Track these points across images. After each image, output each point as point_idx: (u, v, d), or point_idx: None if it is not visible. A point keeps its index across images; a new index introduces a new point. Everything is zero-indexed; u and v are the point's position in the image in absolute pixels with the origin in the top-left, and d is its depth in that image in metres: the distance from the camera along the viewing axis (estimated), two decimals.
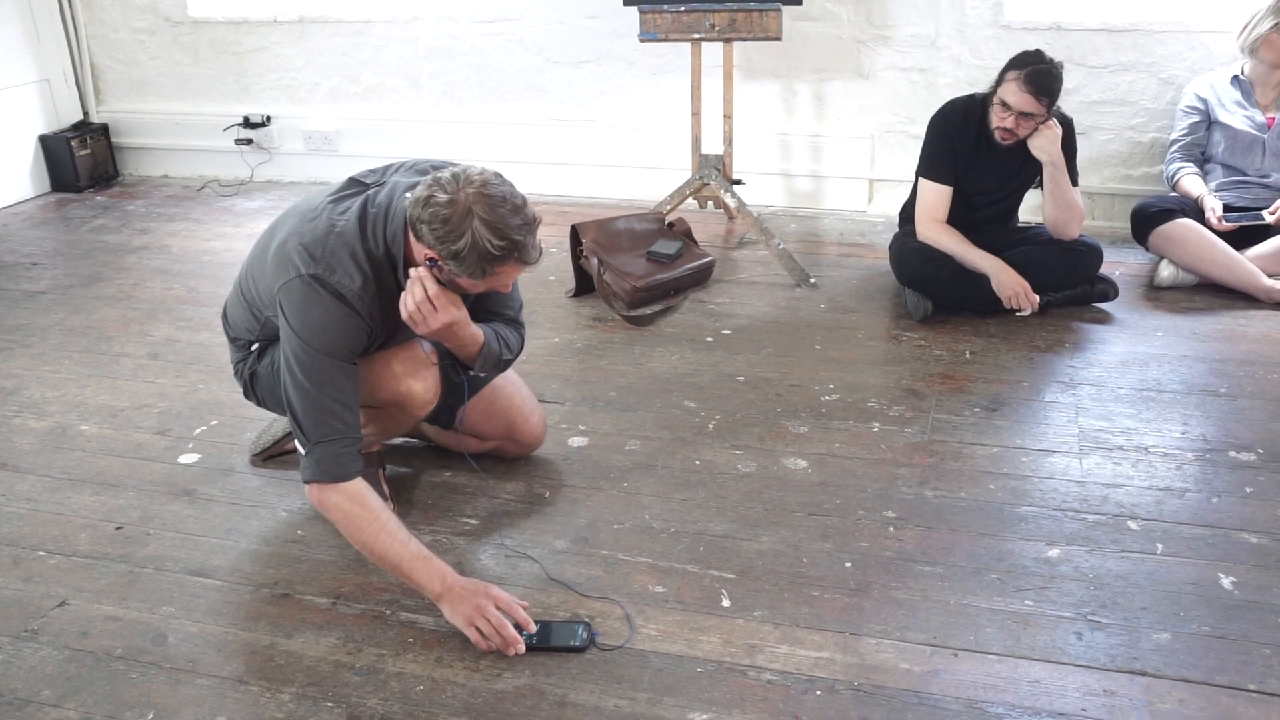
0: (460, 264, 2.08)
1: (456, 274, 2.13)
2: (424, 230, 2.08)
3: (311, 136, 5.38)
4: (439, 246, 2.07)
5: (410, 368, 2.36)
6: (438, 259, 2.11)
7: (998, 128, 3.46)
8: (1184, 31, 4.22)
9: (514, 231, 2.06)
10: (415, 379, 2.36)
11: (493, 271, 2.11)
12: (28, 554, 2.44)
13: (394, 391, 2.36)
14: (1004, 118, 3.43)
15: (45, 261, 4.40)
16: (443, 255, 2.09)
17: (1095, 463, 2.70)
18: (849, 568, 2.31)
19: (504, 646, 2.06)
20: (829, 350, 3.38)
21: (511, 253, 2.08)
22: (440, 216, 2.04)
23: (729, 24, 4.04)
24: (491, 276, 2.13)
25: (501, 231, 2.05)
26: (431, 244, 2.08)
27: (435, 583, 2.10)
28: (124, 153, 5.69)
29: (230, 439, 2.91)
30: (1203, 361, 3.23)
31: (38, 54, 5.34)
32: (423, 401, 2.40)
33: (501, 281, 2.19)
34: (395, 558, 2.12)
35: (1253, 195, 3.85)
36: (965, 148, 3.57)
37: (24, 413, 3.10)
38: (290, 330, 2.17)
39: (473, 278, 2.12)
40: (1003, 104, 3.42)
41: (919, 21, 4.47)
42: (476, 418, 2.65)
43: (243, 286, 2.45)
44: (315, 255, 2.16)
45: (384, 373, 2.34)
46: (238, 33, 5.36)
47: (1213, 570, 2.27)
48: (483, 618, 2.06)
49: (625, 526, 2.48)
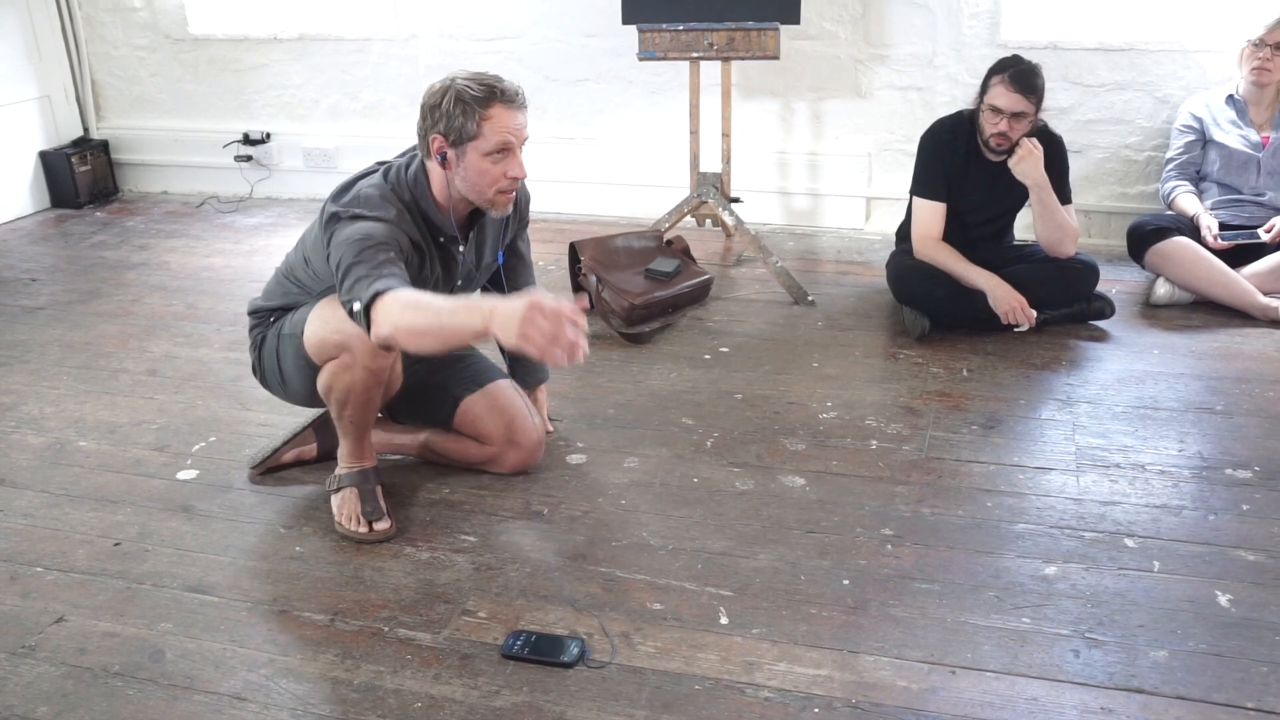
0: (452, 120, 2.32)
1: (458, 142, 2.34)
2: (424, 125, 2.38)
3: (311, 153, 5.39)
4: (433, 120, 2.35)
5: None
6: (440, 139, 2.35)
7: (991, 134, 3.47)
8: (1179, 51, 4.24)
9: (489, 79, 2.36)
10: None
11: (484, 116, 2.32)
12: (25, 570, 2.43)
13: (341, 330, 2.34)
14: (996, 123, 3.44)
15: (44, 277, 4.41)
16: (439, 127, 2.34)
17: (1092, 480, 2.70)
18: (847, 585, 2.31)
19: (567, 349, 1.93)
20: (827, 368, 3.39)
21: (493, 92, 2.34)
22: (431, 101, 2.36)
23: (727, 43, 4.06)
24: (485, 124, 2.33)
25: (478, 78, 2.35)
26: (430, 127, 2.36)
27: (478, 319, 2.01)
28: (124, 169, 5.71)
29: (228, 455, 2.91)
30: (1199, 379, 3.24)
31: (39, 71, 5.36)
32: (365, 344, 2.33)
33: (501, 127, 2.34)
34: (439, 325, 2.09)
35: (1248, 213, 3.87)
36: (956, 163, 3.59)
37: (22, 428, 3.11)
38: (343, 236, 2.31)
39: (471, 129, 2.32)
40: (993, 109, 3.43)
41: (916, 41, 4.49)
42: (479, 412, 2.71)
43: (281, 270, 2.65)
44: (349, 201, 2.37)
45: (338, 311, 2.33)
46: (238, 50, 5.38)
47: (1210, 588, 2.27)
48: (534, 327, 1.94)
49: (623, 544, 2.48)
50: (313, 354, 2.44)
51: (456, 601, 2.28)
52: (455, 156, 2.37)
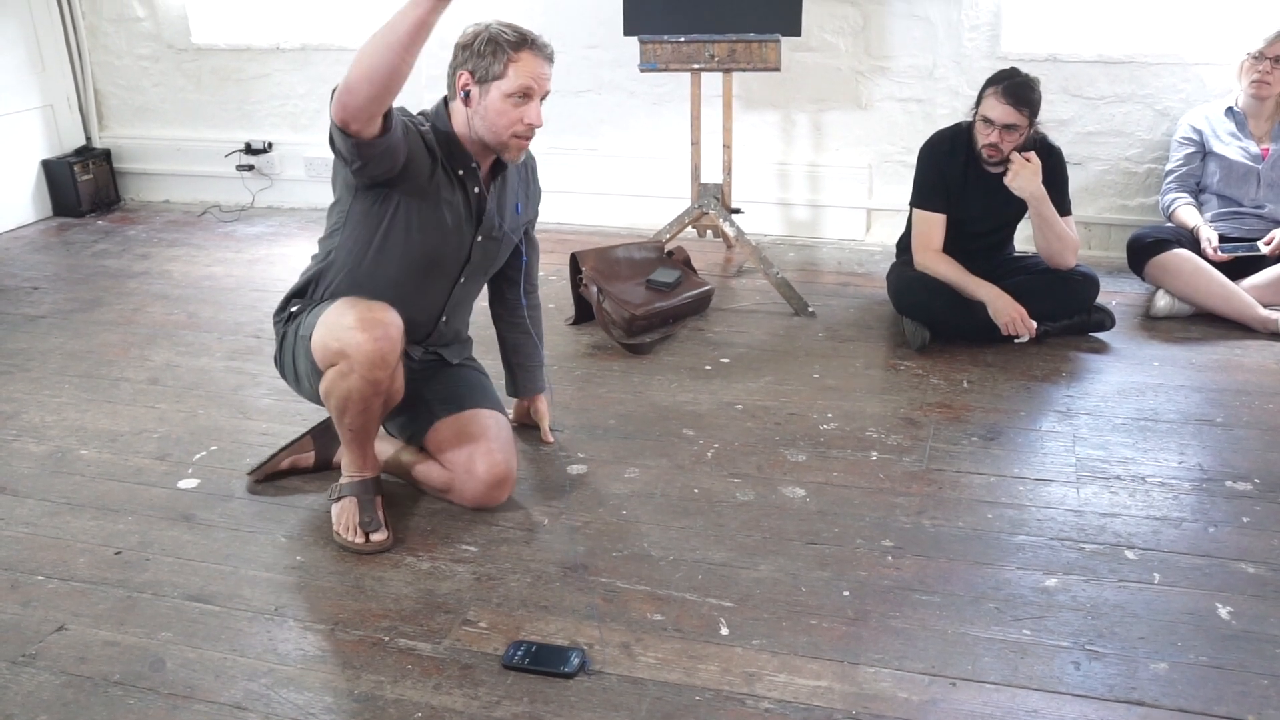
0: (481, 58, 2.43)
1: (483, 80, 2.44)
2: (453, 63, 2.49)
3: (313, 163, 5.40)
4: (463, 57, 2.46)
5: (366, 324, 2.34)
6: (467, 75, 2.45)
7: (984, 145, 3.50)
8: (1178, 64, 4.26)
9: (523, 29, 2.46)
10: (363, 332, 2.33)
11: (511, 58, 2.42)
12: (26, 578, 2.43)
13: (342, 339, 2.35)
14: (988, 134, 3.47)
15: (46, 286, 4.41)
16: (468, 65, 2.45)
17: (1092, 492, 2.70)
18: (847, 596, 2.31)
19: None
20: (827, 379, 3.39)
21: (524, 38, 2.44)
22: (464, 40, 2.47)
23: (728, 55, 4.07)
24: (511, 65, 2.42)
25: (512, 25, 2.46)
26: (460, 64, 2.47)
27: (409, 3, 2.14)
28: (126, 178, 5.72)
29: (229, 464, 2.91)
30: (1199, 391, 3.24)
31: (42, 80, 5.37)
32: (362, 355, 2.34)
33: (525, 72, 2.43)
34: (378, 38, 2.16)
35: (1247, 226, 3.87)
36: (954, 174, 3.60)
37: (23, 436, 3.11)
38: None
39: (497, 70, 2.42)
40: (985, 120, 3.47)
41: (917, 53, 4.51)
42: (447, 434, 2.65)
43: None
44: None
45: (340, 319, 2.36)
46: (241, 60, 5.39)
47: (1210, 600, 2.27)
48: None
49: (624, 554, 2.48)
50: (317, 359, 2.45)
51: (457, 611, 2.28)
52: (478, 94, 2.47)
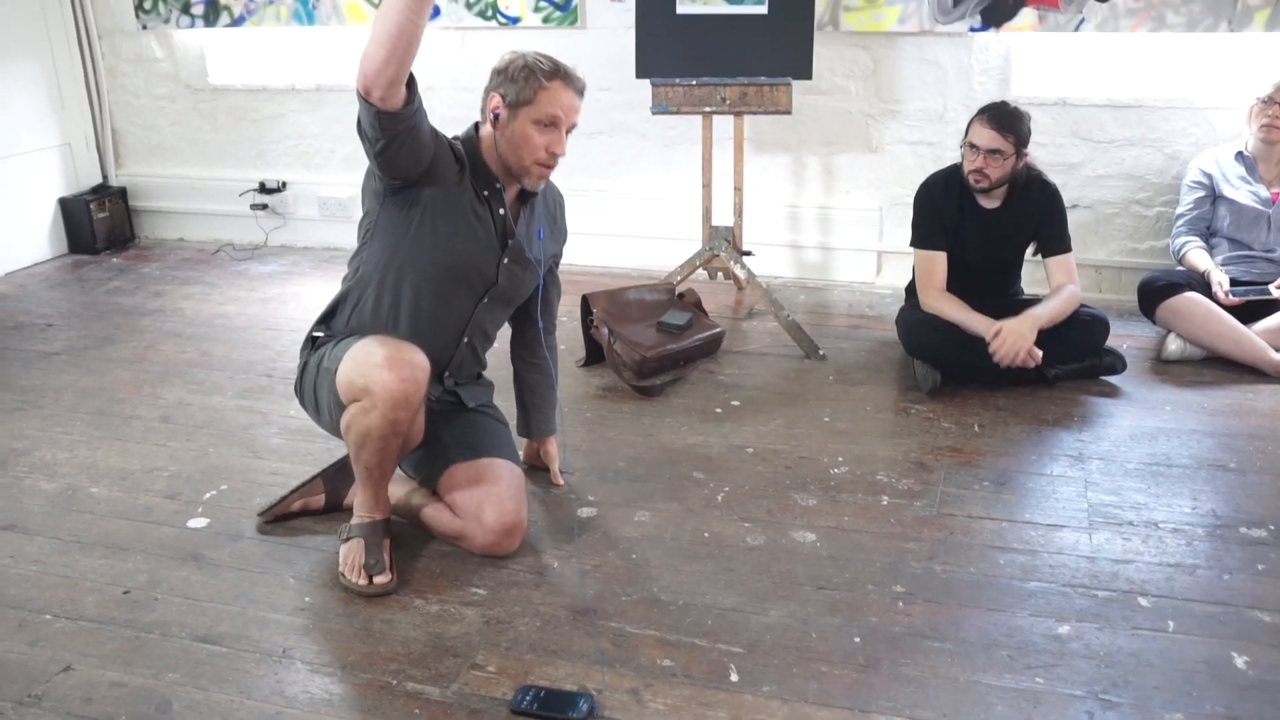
0: (514, 83, 2.49)
1: (513, 104, 2.49)
2: (490, 86, 2.54)
3: (326, 202, 5.44)
4: (497, 81, 2.52)
5: (393, 363, 2.35)
6: (498, 98, 2.51)
7: (969, 171, 3.56)
8: (1188, 108, 4.27)
9: (562, 64, 2.53)
10: (390, 371, 2.34)
11: (543, 86, 2.48)
12: (34, 617, 2.43)
13: (367, 376, 2.36)
14: (973, 159, 3.54)
15: (60, 323, 4.43)
16: (500, 88, 2.51)
17: (1105, 538, 2.68)
18: (858, 643, 2.29)
19: None
20: (838, 422, 3.38)
21: (559, 69, 2.51)
22: (500, 65, 2.54)
23: (740, 98, 4.10)
24: (541, 93, 2.49)
25: (549, 57, 2.52)
26: (493, 87, 2.53)
27: None
28: (141, 216, 5.76)
29: (239, 504, 2.91)
30: (1212, 436, 3.22)
31: (61, 119, 5.42)
32: (387, 394, 2.34)
33: (554, 102, 2.51)
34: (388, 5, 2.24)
35: (1259, 270, 3.87)
36: (950, 211, 3.65)
37: (35, 474, 3.11)
38: None
39: (527, 96, 2.48)
40: (971, 146, 3.54)
41: (927, 96, 4.53)
42: (460, 480, 2.64)
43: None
44: None
45: (368, 357, 2.38)
46: (256, 100, 5.44)
47: (1225, 649, 2.25)
48: None
49: (633, 598, 2.47)
50: (341, 393, 2.46)
51: (466, 655, 2.27)
52: (507, 117, 2.52)
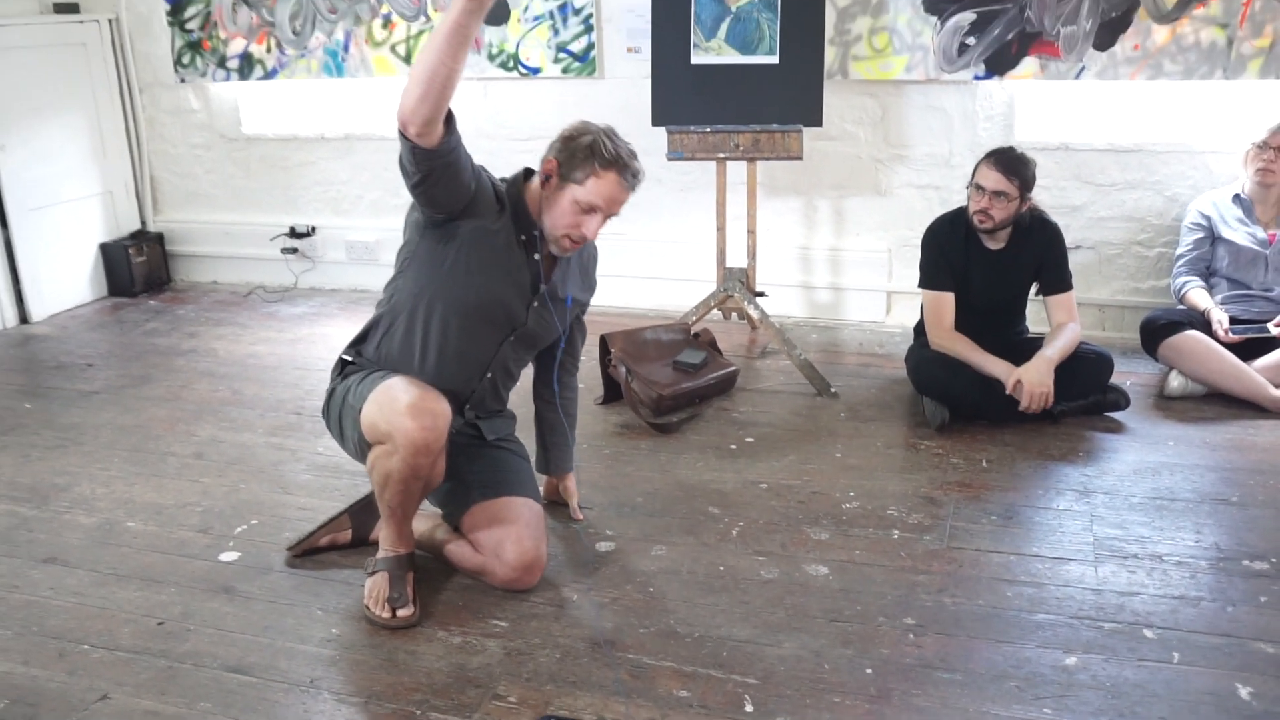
0: (573, 158, 2.46)
1: (564, 176, 2.48)
2: (552, 147, 2.52)
3: (353, 246, 5.47)
4: (560, 148, 2.49)
5: (415, 411, 2.34)
6: (554, 164, 2.49)
7: (975, 211, 3.57)
8: (1186, 152, 4.26)
9: (627, 155, 2.49)
10: (412, 420, 2.33)
11: (596, 174, 2.46)
12: (73, 647, 2.43)
13: (390, 422, 2.36)
14: (979, 200, 3.55)
15: (100, 363, 4.46)
16: (560, 156, 2.48)
17: (1110, 571, 2.65)
18: (870, 674, 2.27)
19: None
20: (849, 458, 3.36)
21: (618, 161, 2.47)
22: (569, 133, 2.51)
23: (753, 144, 4.11)
24: (593, 179, 2.46)
25: (619, 145, 2.49)
26: (555, 151, 2.50)
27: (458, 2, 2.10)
28: (176, 260, 5.80)
29: (269, 538, 2.91)
30: (1214, 470, 3.19)
31: (103, 168, 5.48)
32: (408, 442, 2.34)
33: (602, 192, 2.48)
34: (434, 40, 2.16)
35: (1257, 308, 3.85)
36: (957, 254, 3.65)
37: (75, 509, 3.12)
38: None
39: (579, 176, 2.46)
40: (977, 187, 3.55)
41: (934, 142, 4.54)
42: (481, 519, 2.62)
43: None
44: None
45: (392, 403, 2.37)
46: (287, 148, 5.49)
47: (1230, 680, 2.22)
48: None
49: (651, 630, 2.45)
50: (365, 433, 2.47)
51: (487, 686, 2.25)
52: (555, 185, 2.51)
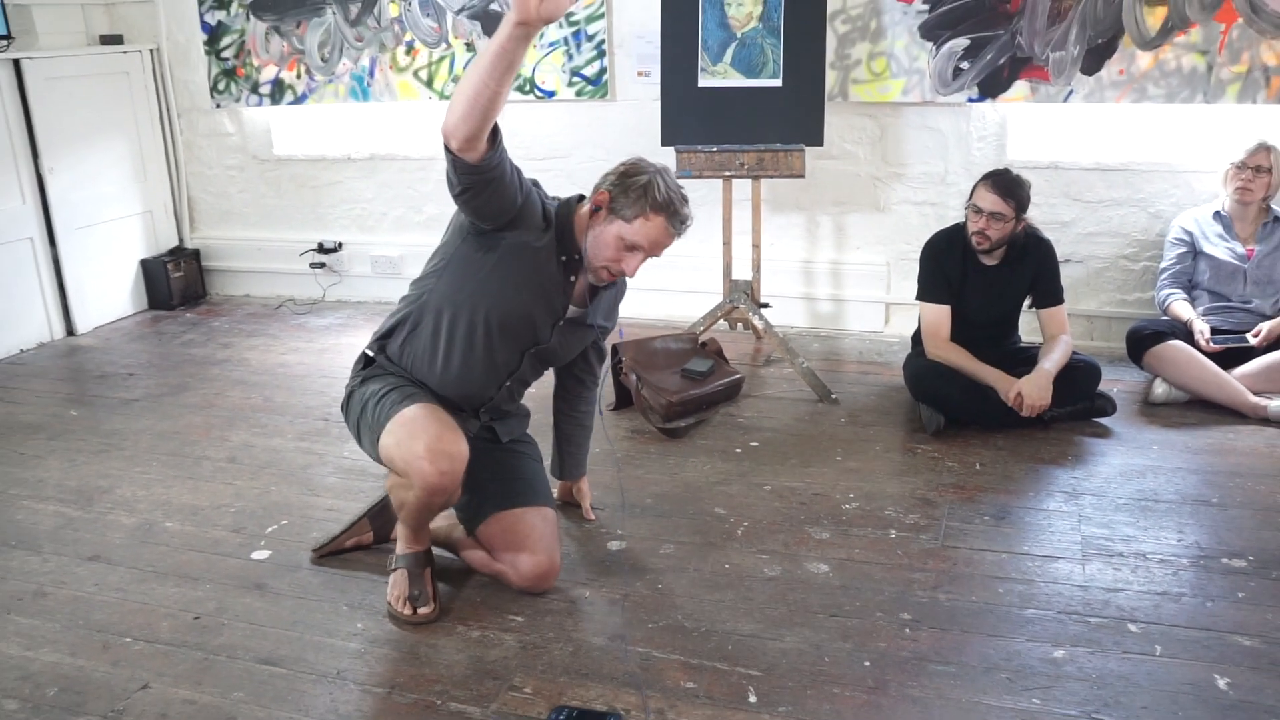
0: (626, 195, 2.42)
1: (614, 211, 2.43)
2: (606, 179, 2.48)
3: (378, 261, 5.52)
4: (615, 182, 2.45)
5: (433, 455, 2.32)
6: (607, 197, 2.44)
7: (973, 232, 3.58)
8: (1169, 171, 4.29)
9: (679, 200, 2.46)
10: (430, 464, 2.32)
11: (646, 215, 2.42)
12: (116, 639, 2.48)
13: (409, 463, 2.34)
14: (976, 221, 3.56)
15: (140, 372, 4.52)
16: (614, 188, 2.44)
17: (1097, 568, 2.68)
18: (868, 667, 2.30)
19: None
20: (849, 461, 3.40)
21: (669, 206, 2.43)
22: (627, 169, 2.47)
23: (757, 163, 4.15)
24: (641, 219, 2.42)
25: (674, 191, 2.46)
26: (609, 184, 2.46)
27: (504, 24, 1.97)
28: (211, 274, 5.87)
29: (298, 538, 2.96)
30: (1196, 473, 3.22)
31: (144, 189, 5.55)
32: (424, 483, 2.34)
33: (648, 234, 2.44)
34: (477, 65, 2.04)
35: (1237, 319, 3.87)
36: (954, 269, 3.67)
37: (116, 510, 3.18)
38: None
39: (629, 214, 2.42)
40: (975, 209, 3.56)
41: (930, 160, 4.57)
42: (495, 530, 2.63)
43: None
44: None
45: (411, 443, 2.35)
46: (316, 169, 5.56)
47: (1209, 671, 2.25)
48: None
49: (659, 625, 2.49)
50: (384, 463, 2.49)
51: (504, 677, 2.30)
52: (604, 218, 2.47)
